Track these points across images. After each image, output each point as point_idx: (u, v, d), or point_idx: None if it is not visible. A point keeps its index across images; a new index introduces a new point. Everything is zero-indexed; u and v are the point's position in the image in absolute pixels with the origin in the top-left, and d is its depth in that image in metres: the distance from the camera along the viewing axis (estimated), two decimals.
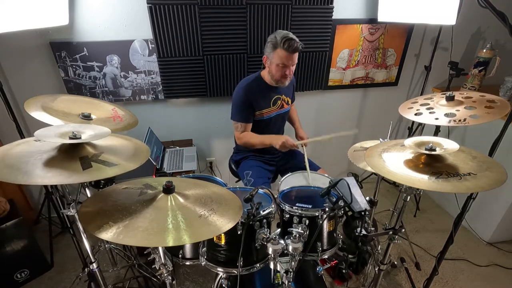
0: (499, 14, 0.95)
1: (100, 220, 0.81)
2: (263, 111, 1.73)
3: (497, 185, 0.89)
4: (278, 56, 1.54)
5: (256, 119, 1.75)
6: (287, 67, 1.58)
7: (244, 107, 1.69)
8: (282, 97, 1.78)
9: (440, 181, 0.93)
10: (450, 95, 1.26)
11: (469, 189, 0.90)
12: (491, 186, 0.88)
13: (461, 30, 2.29)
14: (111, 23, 1.84)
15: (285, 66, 1.57)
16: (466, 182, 0.92)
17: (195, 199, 0.96)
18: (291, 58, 1.54)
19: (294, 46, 1.49)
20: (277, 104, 1.76)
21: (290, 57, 1.53)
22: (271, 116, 1.77)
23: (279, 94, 1.76)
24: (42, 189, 2.20)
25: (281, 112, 1.80)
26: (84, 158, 0.89)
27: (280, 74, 1.60)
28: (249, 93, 1.67)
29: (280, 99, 1.77)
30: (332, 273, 1.89)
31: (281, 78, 1.63)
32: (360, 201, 1.10)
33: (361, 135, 2.70)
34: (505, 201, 2.01)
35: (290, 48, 1.49)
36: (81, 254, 1.42)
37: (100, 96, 2.01)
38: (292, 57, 1.54)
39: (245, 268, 1.13)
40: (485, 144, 1.19)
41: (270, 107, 1.74)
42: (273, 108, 1.76)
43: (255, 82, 1.70)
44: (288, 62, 1.55)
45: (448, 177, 0.94)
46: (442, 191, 0.89)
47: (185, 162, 1.99)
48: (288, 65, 1.56)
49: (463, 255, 2.11)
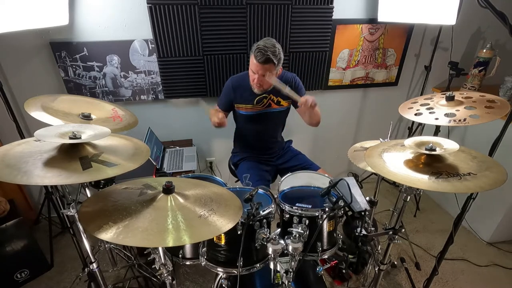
0: (499, 14, 0.95)
1: (100, 220, 0.81)
2: (241, 106, 1.75)
3: (497, 185, 0.89)
4: (251, 61, 1.56)
5: (236, 111, 1.80)
6: (255, 75, 1.58)
7: (224, 96, 1.78)
8: (270, 96, 1.73)
9: (440, 181, 0.93)
10: (450, 95, 1.26)
11: (469, 189, 0.91)
12: (491, 186, 0.88)
13: (461, 30, 2.29)
14: (111, 23, 1.84)
15: (253, 73, 1.58)
16: (466, 182, 0.92)
17: (195, 199, 0.96)
18: (259, 67, 1.53)
19: (263, 58, 1.49)
20: (261, 102, 1.74)
21: (258, 66, 1.52)
22: (252, 113, 1.76)
23: (265, 93, 1.72)
24: (42, 189, 2.20)
25: (268, 111, 1.77)
26: (84, 158, 0.90)
27: (252, 78, 1.62)
28: (234, 86, 1.73)
29: (266, 98, 1.73)
30: (332, 273, 1.89)
31: (252, 82, 1.64)
32: (360, 201, 1.09)
33: (361, 135, 2.72)
34: (505, 201, 2.01)
35: (258, 58, 1.49)
36: (81, 254, 1.42)
37: (100, 96, 2.02)
38: (261, 67, 1.53)
39: (245, 268, 1.13)
40: (485, 144, 1.19)
41: (253, 104, 1.73)
42: (256, 106, 1.74)
43: (244, 77, 1.71)
44: (255, 70, 1.56)
45: (448, 177, 0.94)
46: (442, 191, 0.90)
47: (185, 162, 1.99)
48: (256, 72, 1.56)
49: (463, 255, 2.11)
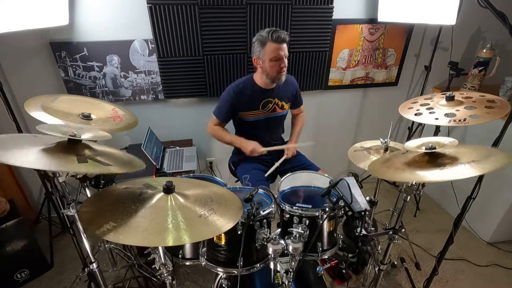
0: (499, 14, 0.95)
1: (100, 220, 0.81)
2: (249, 113, 1.72)
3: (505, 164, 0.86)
4: (270, 50, 1.52)
5: (241, 118, 1.75)
6: (281, 60, 1.55)
7: (226, 107, 1.70)
8: (275, 101, 1.74)
9: (446, 168, 0.92)
10: (450, 95, 1.26)
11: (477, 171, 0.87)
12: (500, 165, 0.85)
13: (461, 30, 2.29)
14: (111, 23, 1.84)
15: (278, 58, 1.54)
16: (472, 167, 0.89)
17: (195, 199, 0.96)
18: (282, 48, 1.52)
19: (282, 36, 1.50)
20: (267, 107, 1.73)
21: (281, 47, 1.52)
22: (258, 119, 1.74)
23: (270, 97, 1.72)
24: (42, 189, 2.20)
25: (271, 116, 1.77)
26: (81, 155, 0.89)
27: (276, 69, 1.57)
28: (236, 95, 1.66)
29: (271, 103, 1.73)
30: (332, 273, 1.89)
31: (278, 74, 1.59)
32: (360, 201, 1.09)
33: (361, 135, 2.72)
34: (505, 201, 2.01)
35: (279, 39, 1.50)
36: (81, 254, 1.42)
37: (100, 96, 2.01)
38: (283, 48, 1.53)
39: (245, 268, 1.13)
40: (485, 144, 1.18)
41: (258, 109, 1.72)
42: (262, 111, 1.73)
43: (245, 84, 1.69)
44: (280, 54, 1.53)
45: (452, 166, 0.93)
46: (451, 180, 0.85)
47: (185, 162, 1.99)
48: (281, 56, 1.54)
49: (463, 255, 2.11)
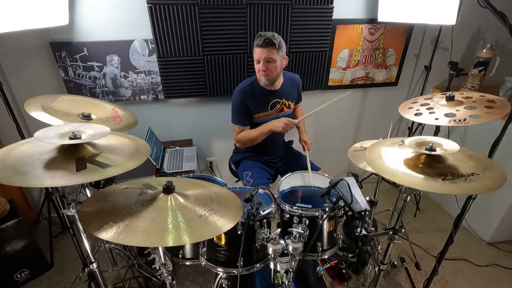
0: (499, 14, 0.95)
1: (100, 220, 0.81)
2: (259, 114, 1.73)
3: (501, 184, 0.88)
4: (254, 53, 1.58)
5: (252, 121, 1.76)
6: (259, 64, 1.59)
7: (241, 110, 1.71)
8: (282, 101, 1.76)
9: (447, 183, 0.93)
10: (450, 95, 1.26)
11: (477, 190, 0.90)
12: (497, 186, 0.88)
13: (461, 30, 2.29)
14: (111, 23, 1.84)
15: (258, 62, 1.59)
16: (472, 183, 0.91)
17: (195, 199, 0.96)
18: (261, 51, 1.55)
19: (262, 40, 1.51)
20: (275, 108, 1.75)
21: (260, 51, 1.54)
22: (268, 120, 1.75)
23: (278, 97, 1.74)
24: (42, 189, 2.20)
25: (280, 116, 1.78)
26: (81, 158, 0.89)
27: (256, 70, 1.63)
28: (245, 96, 1.68)
29: (279, 103, 1.75)
30: (332, 273, 1.89)
31: (259, 76, 1.64)
32: (360, 201, 1.09)
33: (361, 135, 2.72)
34: (505, 201, 2.01)
35: (259, 42, 1.52)
36: (81, 254, 1.42)
37: (100, 96, 2.01)
38: (262, 51, 1.54)
39: (245, 268, 1.13)
40: (485, 144, 1.19)
41: (268, 111, 1.73)
42: (271, 112, 1.75)
43: (251, 86, 1.70)
44: (258, 57, 1.57)
45: (453, 178, 0.94)
46: (450, 193, 0.89)
47: (185, 162, 1.99)
48: (260, 59, 1.57)
49: (463, 255, 2.11)
